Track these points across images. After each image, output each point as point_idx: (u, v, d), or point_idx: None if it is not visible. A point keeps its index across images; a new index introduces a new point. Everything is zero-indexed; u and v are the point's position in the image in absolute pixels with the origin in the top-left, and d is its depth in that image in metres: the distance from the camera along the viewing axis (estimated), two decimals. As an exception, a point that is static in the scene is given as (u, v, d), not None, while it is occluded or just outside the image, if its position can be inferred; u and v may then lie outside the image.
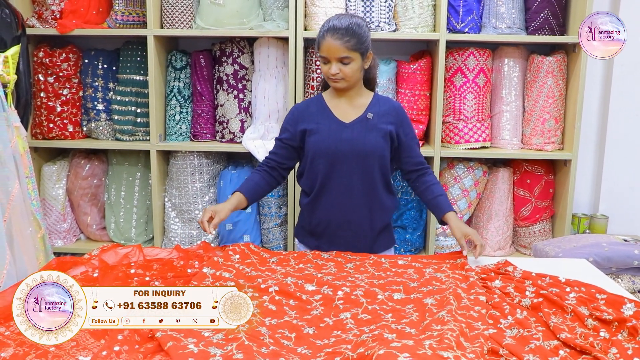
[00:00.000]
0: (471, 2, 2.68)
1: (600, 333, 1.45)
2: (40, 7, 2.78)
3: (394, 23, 2.71)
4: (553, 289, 1.60)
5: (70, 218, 2.95)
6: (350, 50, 1.87)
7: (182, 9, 2.71)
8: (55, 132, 2.84)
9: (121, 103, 2.82)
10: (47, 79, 2.80)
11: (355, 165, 1.95)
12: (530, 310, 1.56)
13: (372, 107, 2.00)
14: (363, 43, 1.90)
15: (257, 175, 2.03)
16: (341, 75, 1.90)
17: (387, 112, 2.00)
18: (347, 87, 1.95)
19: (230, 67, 2.78)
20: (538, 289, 1.62)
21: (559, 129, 2.79)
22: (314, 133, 1.98)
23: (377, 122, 1.97)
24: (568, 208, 2.77)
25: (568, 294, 1.58)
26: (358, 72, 1.93)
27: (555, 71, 2.72)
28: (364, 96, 2.02)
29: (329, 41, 1.87)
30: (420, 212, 2.89)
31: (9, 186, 2.10)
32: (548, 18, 2.69)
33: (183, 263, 1.79)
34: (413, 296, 1.60)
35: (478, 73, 2.73)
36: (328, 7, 2.64)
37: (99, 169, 2.96)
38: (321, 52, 1.90)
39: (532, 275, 1.68)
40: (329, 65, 1.90)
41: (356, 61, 1.90)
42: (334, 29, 1.88)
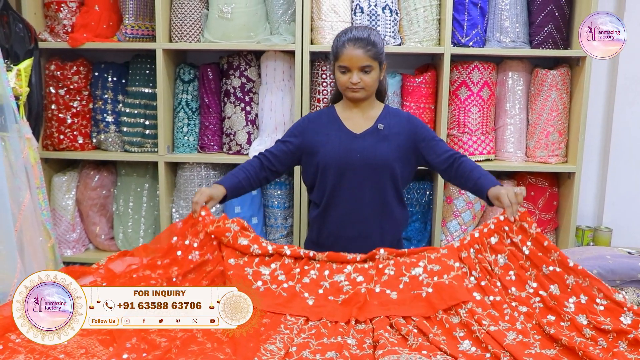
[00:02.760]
0: (475, 17, 2.70)
1: (598, 342, 1.47)
2: (53, 22, 2.82)
3: (399, 37, 2.74)
4: (554, 286, 1.62)
5: (80, 228, 2.98)
6: (371, 59, 1.89)
7: (190, 23, 2.74)
8: (66, 143, 2.87)
9: (130, 115, 2.85)
10: (58, 92, 2.84)
11: (365, 176, 1.94)
12: (526, 316, 1.59)
13: (383, 119, 2.00)
14: (381, 53, 1.94)
15: (243, 174, 1.97)
16: (362, 84, 1.91)
17: (398, 123, 2.00)
18: (365, 96, 1.96)
19: (238, 80, 2.80)
20: (539, 286, 1.63)
21: (562, 142, 2.80)
22: (323, 144, 1.97)
23: (388, 133, 1.97)
24: (572, 220, 2.76)
25: (567, 299, 1.60)
26: (377, 82, 1.96)
27: (559, 84, 2.73)
28: (375, 108, 2.03)
29: (351, 50, 1.89)
30: (425, 224, 2.90)
31: (21, 196, 2.12)
32: (552, 32, 2.70)
33: (181, 238, 1.77)
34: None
35: (482, 86, 2.75)
36: (334, 21, 2.66)
37: (108, 180, 2.98)
38: (342, 62, 1.91)
39: (539, 255, 1.66)
40: (349, 75, 1.91)
41: (376, 70, 1.93)
42: (356, 38, 1.90)
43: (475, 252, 1.70)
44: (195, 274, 1.74)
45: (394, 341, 1.48)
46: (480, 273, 1.68)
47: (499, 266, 1.69)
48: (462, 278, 1.65)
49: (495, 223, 1.72)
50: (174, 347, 1.43)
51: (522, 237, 1.69)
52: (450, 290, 1.61)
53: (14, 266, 2.01)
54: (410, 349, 1.45)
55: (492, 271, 1.68)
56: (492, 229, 1.72)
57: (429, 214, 2.91)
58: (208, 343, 1.47)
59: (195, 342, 1.46)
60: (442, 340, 1.50)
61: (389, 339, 1.48)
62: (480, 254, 1.70)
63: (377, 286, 1.66)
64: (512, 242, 1.69)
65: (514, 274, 1.67)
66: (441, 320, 1.58)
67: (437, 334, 1.53)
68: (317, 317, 1.62)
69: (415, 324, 1.57)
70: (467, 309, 1.58)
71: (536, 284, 1.64)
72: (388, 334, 1.51)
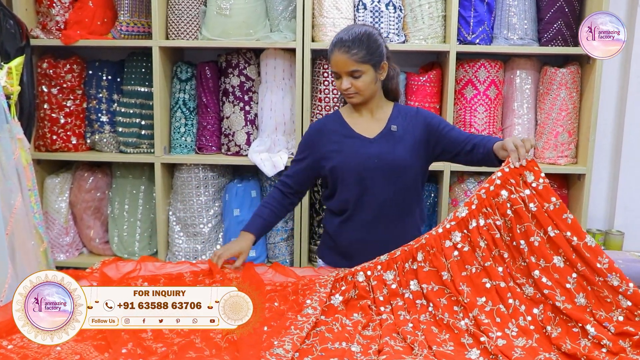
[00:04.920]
0: (482, 13, 2.64)
1: (602, 342, 1.45)
2: (45, 18, 2.76)
3: (403, 34, 2.68)
4: (557, 258, 1.58)
5: (73, 232, 2.92)
6: (358, 63, 1.79)
7: (188, 19, 2.69)
8: (59, 144, 2.81)
9: (125, 115, 2.80)
10: (50, 90, 2.78)
11: (387, 180, 1.87)
12: (530, 302, 1.57)
13: (395, 119, 1.92)
14: (373, 54, 1.82)
15: (267, 210, 1.96)
16: (354, 89, 1.83)
17: (409, 121, 1.92)
18: (362, 101, 1.88)
19: (237, 79, 2.75)
20: (539, 256, 1.59)
21: (572, 143, 2.73)
22: (337, 153, 1.89)
23: (402, 133, 1.89)
24: (582, 224, 2.69)
25: (571, 274, 1.56)
26: (372, 84, 1.85)
27: (568, 83, 2.67)
28: (384, 108, 1.94)
29: (337, 55, 1.81)
30: (430, 227, 2.82)
31: (12, 199, 2.09)
32: (561, 29, 2.64)
33: (192, 279, 1.77)
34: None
35: (489, 85, 2.69)
36: (336, 18, 2.61)
37: (103, 182, 2.92)
38: (331, 67, 1.85)
39: (545, 216, 1.60)
40: (340, 81, 1.84)
41: (368, 73, 1.82)
42: (341, 42, 1.81)
43: (485, 217, 1.63)
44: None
45: (399, 349, 1.45)
46: (485, 251, 1.62)
47: (507, 231, 1.62)
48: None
49: (501, 177, 1.63)
50: (172, 352, 1.42)
51: (529, 192, 1.60)
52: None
53: (5, 271, 1.99)
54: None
55: (500, 240, 1.62)
56: (499, 185, 1.63)
57: (434, 216, 2.86)
58: (206, 350, 1.45)
59: (194, 349, 1.45)
60: (449, 350, 1.46)
61: (394, 346, 1.45)
62: (489, 218, 1.63)
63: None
64: (520, 196, 1.61)
65: (522, 241, 1.61)
66: (448, 324, 1.55)
67: (444, 341, 1.50)
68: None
69: (422, 332, 1.54)
70: (473, 316, 1.55)
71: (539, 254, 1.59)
72: (394, 342, 1.48)
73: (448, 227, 1.67)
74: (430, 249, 1.67)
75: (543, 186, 1.60)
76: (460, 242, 1.64)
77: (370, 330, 1.57)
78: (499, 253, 1.62)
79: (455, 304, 1.61)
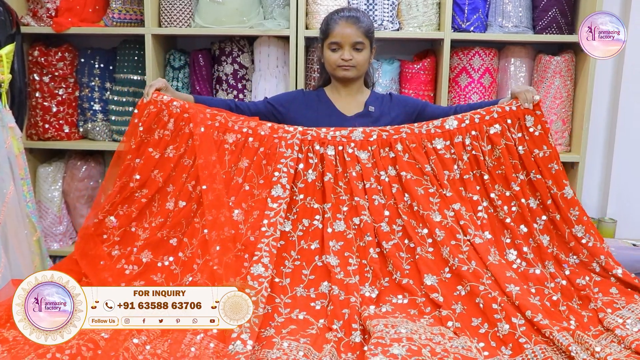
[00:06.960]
0: (477, 1, 2.62)
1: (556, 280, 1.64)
2: (35, 5, 2.72)
3: (397, 22, 2.66)
4: (532, 200, 1.74)
5: (67, 221, 2.90)
6: (363, 36, 1.92)
7: (180, 7, 2.66)
8: (51, 132, 2.79)
9: (118, 103, 2.77)
10: (42, 79, 2.75)
11: None
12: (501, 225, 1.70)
13: (372, 102, 2.04)
14: (372, 32, 1.97)
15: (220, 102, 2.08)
16: (354, 62, 1.93)
17: (385, 105, 2.04)
18: (356, 76, 1.98)
19: (230, 67, 2.73)
20: (520, 191, 1.71)
21: (566, 131, 2.73)
22: (311, 121, 1.98)
23: (379, 115, 2.01)
24: (575, 212, 2.70)
25: (541, 216, 1.73)
26: (367, 62, 1.99)
27: (563, 71, 2.66)
28: (363, 93, 2.07)
29: (343, 26, 1.91)
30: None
31: (4, 188, 2.08)
32: (556, 17, 2.63)
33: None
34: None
35: (483, 73, 2.68)
36: (330, 5, 2.58)
37: (96, 171, 2.90)
38: (333, 38, 1.92)
39: (531, 160, 1.73)
40: (340, 52, 1.92)
41: (366, 49, 1.96)
42: (347, 15, 1.93)
43: (472, 139, 1.72)
44: (176, 172, 1.85)
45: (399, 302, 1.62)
46: (466, 165, 1.71)
47: (492, 158, 1.72)
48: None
49: (500, 112, 1.73)
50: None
51: (521, 135, 1.71)
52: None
53: (-2, 260, 1.97)
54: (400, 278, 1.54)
55: (483, 161, 1.72)
56: (495, 118, 1.72)
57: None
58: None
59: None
60: (429, 254, 1.60)
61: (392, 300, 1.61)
62: (476, 141, 1.71)
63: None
64: (511, 137, 1.71)
65: (503, 169, 1.71)
66: (423, 216, 1.65)
67: (423, 238, 1.64)
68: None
69: (401, 228, 1.67)
70: (453, 208, 1.66)
71: (519, 188, 1.71)
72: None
73: (433, 132, 1.75)
74: (409, 144, 1.74)
75: (539, 133, 1.67)
76: (443, 150, 1.73)
77: (343, 223, 1.67)
78: (479, 174, 1.72)
79: (432, 196, 1.68)
